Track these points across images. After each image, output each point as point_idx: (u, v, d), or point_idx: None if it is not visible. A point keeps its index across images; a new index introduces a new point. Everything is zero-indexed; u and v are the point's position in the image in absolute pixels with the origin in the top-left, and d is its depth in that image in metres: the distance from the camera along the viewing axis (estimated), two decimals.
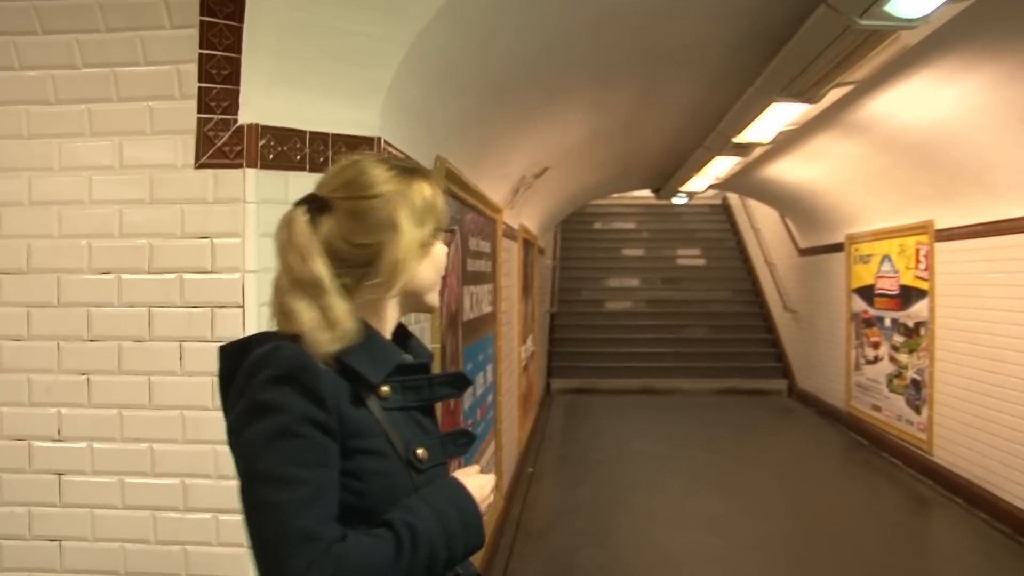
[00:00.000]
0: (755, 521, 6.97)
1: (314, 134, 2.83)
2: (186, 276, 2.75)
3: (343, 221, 1.60)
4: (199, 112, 2.72)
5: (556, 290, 14.36)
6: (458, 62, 3.46)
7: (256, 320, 2.72)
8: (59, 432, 2.84)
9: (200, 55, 2.69)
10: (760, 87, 5.22)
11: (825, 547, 6.39)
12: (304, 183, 2.81)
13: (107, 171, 2.79)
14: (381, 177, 1.62)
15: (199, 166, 2.72)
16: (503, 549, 6.26)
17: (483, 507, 1.61)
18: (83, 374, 2.82)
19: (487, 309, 5.90)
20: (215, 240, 2.72)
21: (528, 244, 9.20)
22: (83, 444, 2.83)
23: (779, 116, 5.88)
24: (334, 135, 2.88)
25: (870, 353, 9.66)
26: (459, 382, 1.79)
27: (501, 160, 5.50)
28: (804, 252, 12.27)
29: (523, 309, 8.79)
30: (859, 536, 6.59)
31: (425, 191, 1.66)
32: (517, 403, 8.21)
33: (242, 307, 2.71)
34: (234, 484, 1.50)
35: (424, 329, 3.61)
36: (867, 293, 9.70)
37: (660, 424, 11.07)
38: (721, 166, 8.45)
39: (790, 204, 11.36)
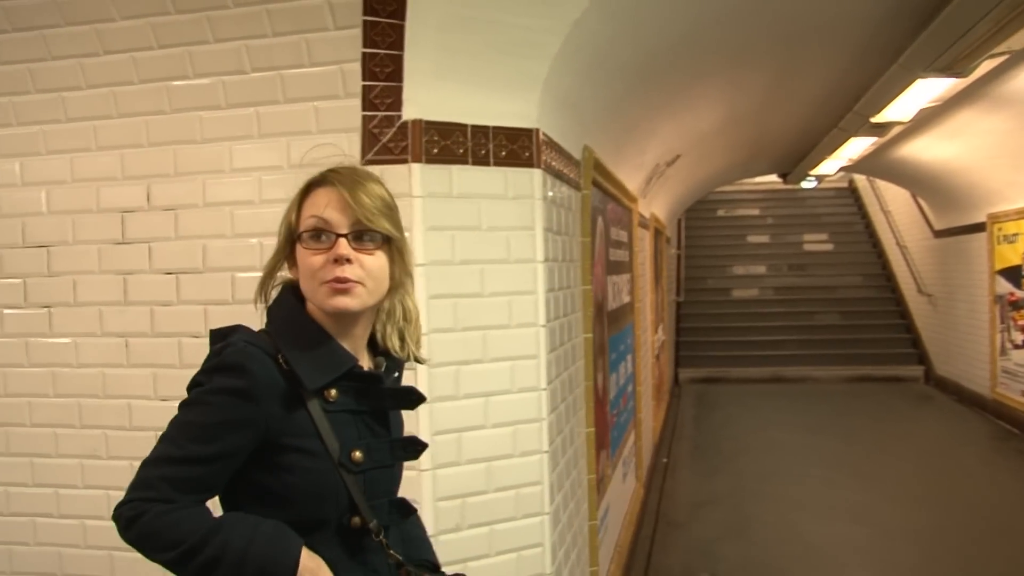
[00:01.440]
0: (902, 511, 6.77)
1: (475, 127, 2.85)
2: None
3: None
4: (363, 110, 2.77)
5: (682, 279, 14.20)
6: (607, 51, 3.44)
7: (426, 312, 2.75)
8: None
9: (363, 54, 2.74)
10: (904, 63, 5.05)
11: (985, 540, 6.16)
12: (467, 176, 2.85)
13: (276, 171, 2.86)
14: None
15: (365, 163, 2.76)
16: (644, 539, 6.23)
17: None
18: None
19: (626, 299, 5.87)
20: None
21: (658, 233, 9.12)
22: None
23: (923, 93, 5.68)
24: (494, 128, 2.89)
25: (1018, 337, 9.27)
26: (411, 396, 1.82)
27: (639, 148, 5.45)
28: (940, 233, 11.84)
29: (655, 299, 8.72)
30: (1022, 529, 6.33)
31: (294, 200, 1.75)
32: (651, 393, 8.15)
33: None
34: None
35: (573, 321, 3.60)
36: (1013, 274, 9.30)
37: (793, 413, 10.86)
38: (855, 147, 8.22)
39: (925, 184, 10.98)
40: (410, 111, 2.75)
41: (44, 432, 3.16)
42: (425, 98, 2.77)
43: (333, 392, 1.67)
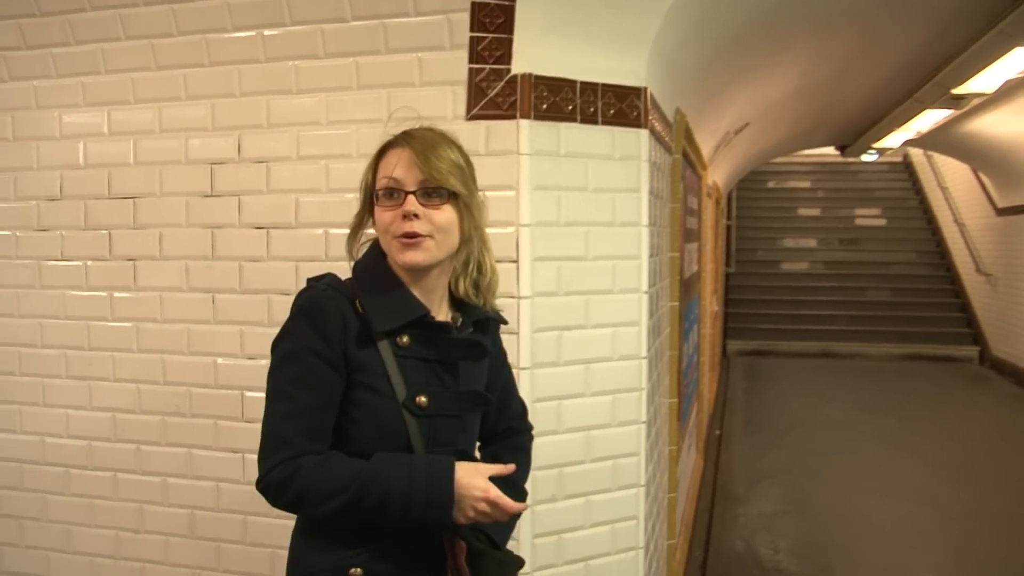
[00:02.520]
0: (968, 493, 6.63)
1: (584, 84, 2.73)
2: None
3: None
4: (470, 62, 2.65)
5: (732, 250, 14.02)
6: (711, 11, 3.30)
7: (530, 274, 2.65)
8: None
9: (473, 3, 2.61)
10: (1004, 29, 4.84)
11: None
12: (575, 134, 2.73)
13: (375, 124, 2.75)
14: None
15: (470, 118, 2.66)
16: (703, 512, 6.14)
17: (466, 501, 1.69)
18: None
19: (695, 268, 5.74)
20: (488, 193, 2.63)
21: (716, 203, 8.96)
22: None
23: (1016, 62, 5.46)
24: (603, 85, 2.77)
25: None
26: (475, 348, 1.88)
27: (717, 114, 5.30)
28: (1004, 211, 11.56)
29: (713, 268, 8.58)
30: None
31: (371, 161, 1.86)
32: (707, 363, 8.04)
33: (516, 262, 2.65)
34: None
35: (663, 289, 3.48)
36: None
37: (846, 389, 10.71)
38: (927, 120, 8.01)
39: (992, 160, 10.71)
40: (519, 65, 2.63)
41: (128, 387, 3.10)
42: (535, 52, 2.65)
43: (405, 338, 1.76)
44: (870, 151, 10.43)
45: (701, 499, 6.40)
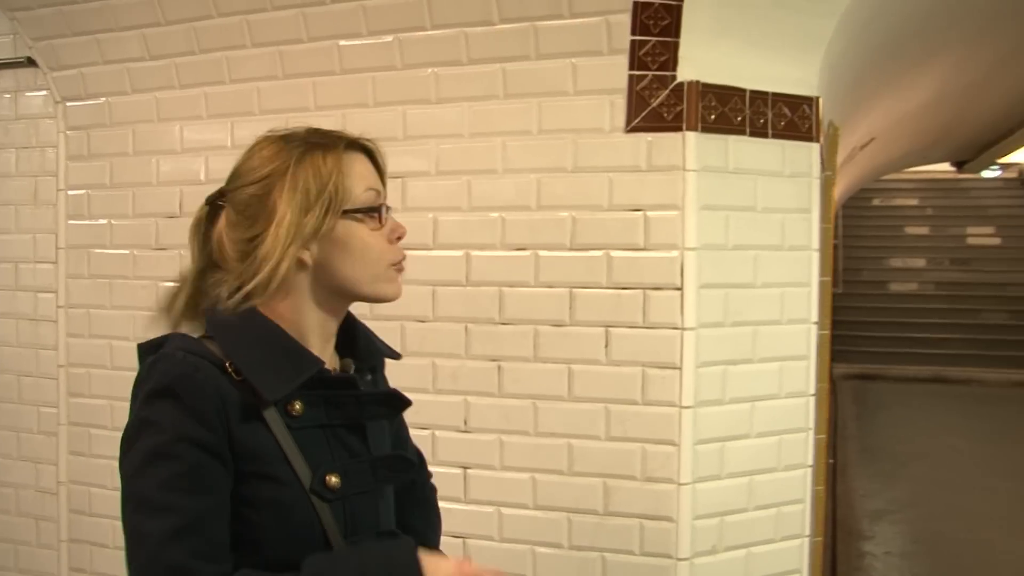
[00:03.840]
0: None
1: (754, 93, 2.47)
2: (614, 253, 2.46)
3: (229, 215, 1.40)
4: (631, 69, 2.41)
5: (839, 270, 13.55)
6: (879, 11, 3.01)
7: (695, 303, 2.39)
8: (465, 423, 2.63)
9: (635, 4, 2.37)
10: None
11: None
12: (743, 148, 2.48)
13: (523, 136, 2.54)
14: (266, 156, 1.38)
15: (630, 129, 2.42)
16: (826, 549, 5.78)
17: None
18: (493, 360, 2.59)
19: None
20: (648, 213, 2.41)
21: (835, 218, 8.60)
22: (491, 436, 2.60)
23: None
24: (774, 94, 2.51)
25: None
26: (393, 402, 1.50)
27: (853, 127, 4.98)
28: None
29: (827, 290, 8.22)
30: None
31: (321, 166, 1.37)
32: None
33: (680, 289, 2.39)
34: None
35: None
36: None
37: (964, 416, 10.22)
38: None
39: None
40: (686, 71, 2.38)
41: None
42: (702, 57, 2.40)
43: (297, 405, 1.34)
44: (993, 167, 9.95)
45: (823, 534, 6.04)
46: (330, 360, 1.46)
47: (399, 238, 1.43)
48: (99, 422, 3.19)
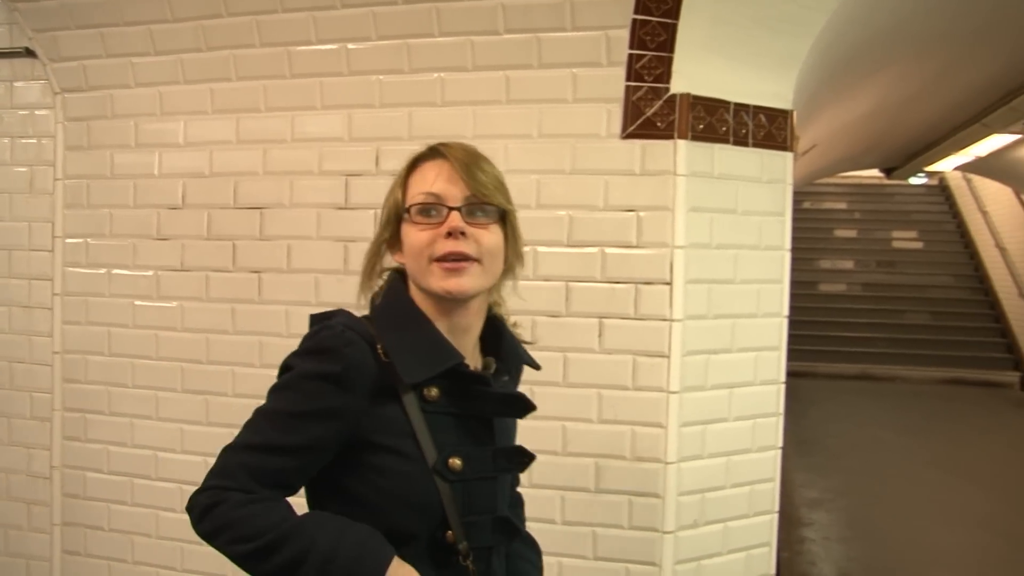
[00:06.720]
0: None
1: (738, 105, 2.70)
2: (608, 250, 2.66)
3: None
4: (628, 80, 2.61)
5: None
6: (841, 32, 3.24)
7: (683, 297, 2.60)
8: None
9: (634, 20, 2.57)
10: None
11: None
12: (727, 156, 2.70)
13: (524, 140, 2.72)
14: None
15: (625, 136, 2.62)
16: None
17: None
18: None
19: None
20: (641, 213, 2.62)
21: None
22: None
23: None
24: (755, 107, 2.74)
25: None
26: (519, 404, 1.59)
27: (800, 136, 5.25)
28: None
29: None
30: None
31: (396, 177, 1.58)
32: None
33: (669, 284, 2.60)
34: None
35: None
36: None
37: (890, 412, 10.61)
38: (990, 144, 7.95)
39: None
40: (678, 84, 2.59)
41: (248, 403, 3.04)
42: (694, 71, 2.61)
43: (434, 391, 1.48)
44: (919, 174, 10.38)
45: None
46: (472, 355, 1.58)
47: (450, 234, 1.47)
48: (95, 408, 3.27)
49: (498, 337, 1.64)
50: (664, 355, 2.60)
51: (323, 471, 1.49)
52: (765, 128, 2.75)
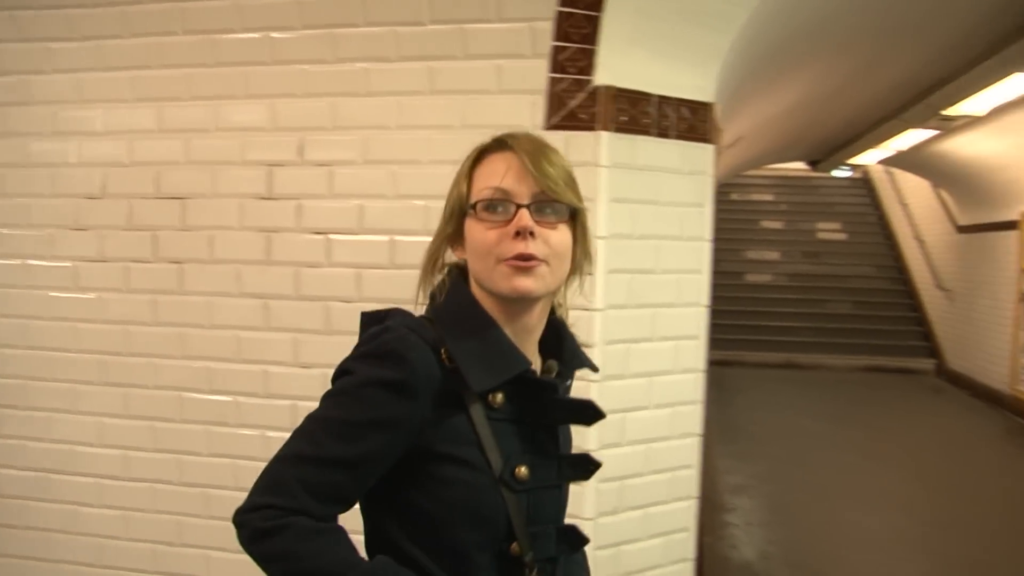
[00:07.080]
0: (946, 502, 6.75)
1: (660, 98, 2.74)
2: None
3: None
4: (551, 72, 2.64)
5: None
6: (764, 28, 3.32)
7: (604, 287, 2.64)
8: None
9: (558, 12, 2.60)
10: (1007, 56, 4.96)
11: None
12: (650, 148, 2.73)
13: (447, 130, 2.73)
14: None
15: (549, 127, 2.64)
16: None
17: None
18: None
19: None
20: None
21: None
22: None
23: (1011, 88, 5.61)
24: (677, 100, 2.78)
25: None
26: (587, 412, 1.50)
27: (724, 128, 5.34)
28: (964, 229, 11.80)
29: None
30: None
31: (460, 171, 1.48)
32: None
33: (590, 274, 2.61)
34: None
35: None
36: None
37: (812, 400, 10.85)
38: (908, 139, 8.16)
39: (956, 179, 10.93)
40: (602, 76, 2.63)
41: (169, 395, 3.02)
42: (617, 64, 2.64)
43: (499, 397, 1.40)
44: (842, 167, 10.60)
45: None
46: (533, 358, 1.49)
47: (518, 233, 1.38)
48: (10, 402, 3.20)
49: (559, 339, 1.56)
50: (587, 345, 2.63)
51: (381, 483, 1.38)
52: (688, 120, 2.80)
